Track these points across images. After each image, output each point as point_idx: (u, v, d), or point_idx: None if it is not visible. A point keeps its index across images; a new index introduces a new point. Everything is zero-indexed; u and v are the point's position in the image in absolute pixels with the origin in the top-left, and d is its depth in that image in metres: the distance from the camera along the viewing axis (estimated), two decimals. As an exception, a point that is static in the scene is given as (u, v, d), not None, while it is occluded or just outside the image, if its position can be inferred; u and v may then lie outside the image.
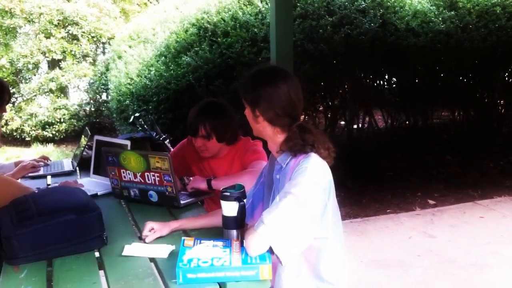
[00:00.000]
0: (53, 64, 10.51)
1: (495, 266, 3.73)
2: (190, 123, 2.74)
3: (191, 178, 2.79)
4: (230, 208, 1.85)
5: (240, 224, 1.87)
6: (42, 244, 1.84)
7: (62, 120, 9.92)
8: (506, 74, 7.31)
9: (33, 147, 9.58)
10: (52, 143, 9.76)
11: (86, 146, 3.46)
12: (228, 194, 1.85)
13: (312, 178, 1.72)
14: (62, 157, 8.27)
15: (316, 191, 1.72)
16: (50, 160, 3.58)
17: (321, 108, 7.12)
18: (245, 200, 1.88)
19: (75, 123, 10.03)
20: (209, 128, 2.66)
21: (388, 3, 6.20)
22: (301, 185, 1.69)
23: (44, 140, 9.81)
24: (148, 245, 1.98)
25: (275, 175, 1.90)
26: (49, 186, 2.99)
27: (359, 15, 6.00)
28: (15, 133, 9.82)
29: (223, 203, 1.86)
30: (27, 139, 9.83)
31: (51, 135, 9.84)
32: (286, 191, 1.71)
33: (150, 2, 12.02)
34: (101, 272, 1.78)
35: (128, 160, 2.46)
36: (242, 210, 1.85)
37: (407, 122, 7.46)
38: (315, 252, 1.81)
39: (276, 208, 1.67)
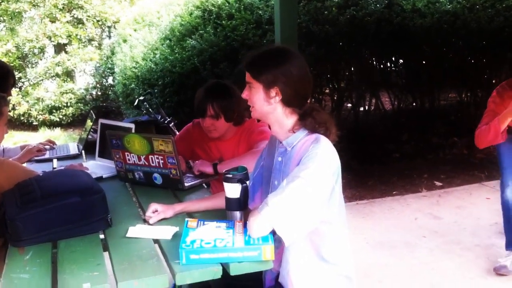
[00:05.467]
0: (59, 48, 10.53)
1: (501, 247, 3.72)
2: (197, 104, 2.74)
3: (196, 162, 2.80)
4: (233, 190, 1.86)
5: (243, 206, 1.88)
6: (47, 226, 1.85)
7: (68, 104, 9.96)
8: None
9: (41, 132, 9.63)
10: (59, 127, 9.81)
11: (92, 130, 3.47)
12: (230, 176, 1.86)
13: (323, 163, 1.71)
14: (69, 141, 8.31)
15: (325, 176, 1.72)
16: (56, 144, 3.59)
17: (327, 91, 7.09)
18: (247, 182, 1.88)
19: (81, 107, 10.07)
20: (217, 107, 2.67)
21: (394, -17, 6.15)
22: (311, 169, 1.69)
23: (51, 124, 9.87)
24: (152, 226, 1.99)
25: (276, 157, 1.89)
26: (54, 169, 3.01)
27: (365, -4, 5.96)
28: (22, 118, 9.87)
29: (226, 185, 1.87)
30: (34, 123, 9.89)
31: (58, 119, 9.88)
32: (295, 175, 1.70)
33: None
34: (106, 254, 1.79)
35: (132, 143, 2.46)
36: (244, 191, 1.86)
37: (413, 104, 7.42)
38: (321, 235, 1.81)
39: (283, 191, 1.67)
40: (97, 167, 2.97)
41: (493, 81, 7.25)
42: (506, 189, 3.32)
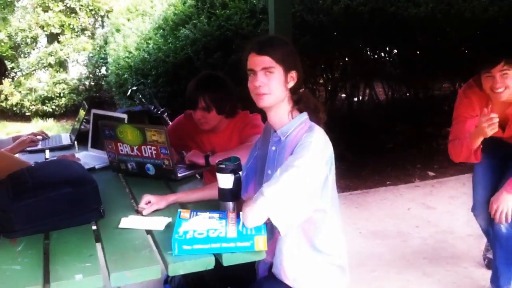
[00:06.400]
0: (52, 38, 10.46)
1: (493, 236, 3.75)
2: (189, 96, 2.72)
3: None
4: (225, 181, 1.85)
5: (235, 196, 1.88)
6: (39, 217, 1.84)
7: (61, 94, 9.91)
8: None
9: (33, 122, 9.59)
10: (52, 118, 9.77)
11: (84, 120, 3.45)
12: (223, 166, 1.85)
13: (317, 152, 1.72)
14: (62, 131, 8.28)
15: (319, 165, 1.72)
16: (48, 136, 3.57)
17: (321, 81, 7.07)
18: (240, 173, 1.88)
19: (74, 98, 10.02)
20: (209, 100, 2.65)
21: (389, -28, 6.12)
22: (305, 158, 1.69)
23: (44, 115, 9.82)
24: (144, 217, 1.98)
25: (270, 147, 1.89)
26: (47, 160, 2.99)
27: (359, -15, 5.93)
28: (15, 108, 9.82)
29: (219, 176, 1.86)
30: (27, 114, 9.84)
31: (51, 110, 9.84)
32: (288, 164, 1.70)
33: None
34: (98, 245, 1.78)
35: (124, 133, 2.45)
36: (237, 182, 1.86)
37: (407, 94, 7.42)
38: (314, 225, 1.81)
39: (277, 181, 1.67)
40: (89, 157, 2.95)
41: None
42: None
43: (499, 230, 2.77)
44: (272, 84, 1.77)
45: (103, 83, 10.40)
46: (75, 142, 3.40)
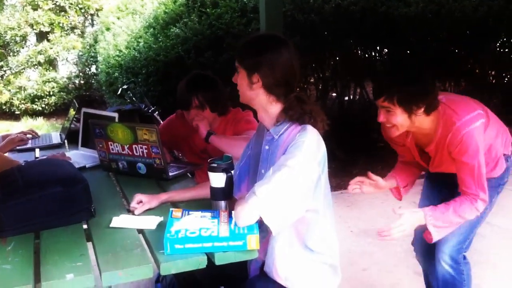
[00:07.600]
0: (41, 36, 10.40)
1: (485, 235, 3.76)
2: (181, 96, 2.71)
3: (180, 155, 2.77)
4: (217, 179, 1.85)
5: (227, 195, 1.88)
6: (29, 216, 1.83)
7: (51, 93, 9.85)
8: (497, 44, 7.27)
9: (23, 121, 9.52)
10: (42, 117, 9.71)
11: (74, 119, 3.43)
12: (215, 165, 1.85)
13: (309, 152, 1.71)
14: (52, 130, 8.23)
15: (312, 164, 1.72)
16: (38, 135, 3.55)
17: (312, 80, 7.08)
18: (232, 172, 1.87)
19: (64, 96, 9.96)
20: (202, 98, 2.65)
21: (379, -28, 6.13)
22: (297, 158, 1.68)
23: (34, 114, 9.76)
24: (136, 216, 1.97)
25: (264, 146, 1.88)
26: (37, 159, 2.97)
27: (350, -16, 5.93)
28: (4, 107, 9.76)
29: (211, 175, 1.86)
30: (16, 112, 9.78)
31: (40, 109, 9.78)
32: (281, 163, 1.70)
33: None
34: (89, 244, 1.77)
35: (115, 132, 2.44)
36: (229, 181, 1.86)
37: (398, 93, 7.43)
38: (306, 224, 1.81)
39: (269, 180, 1.67)
40: (80, 156, 2.94)
41: (477, 71, 7.30)
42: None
43: (444, 274, 2.54)
44: (238, 83, 1.87)
45: (93, 81, 10.36)
46: (66, 141, 3.38)
